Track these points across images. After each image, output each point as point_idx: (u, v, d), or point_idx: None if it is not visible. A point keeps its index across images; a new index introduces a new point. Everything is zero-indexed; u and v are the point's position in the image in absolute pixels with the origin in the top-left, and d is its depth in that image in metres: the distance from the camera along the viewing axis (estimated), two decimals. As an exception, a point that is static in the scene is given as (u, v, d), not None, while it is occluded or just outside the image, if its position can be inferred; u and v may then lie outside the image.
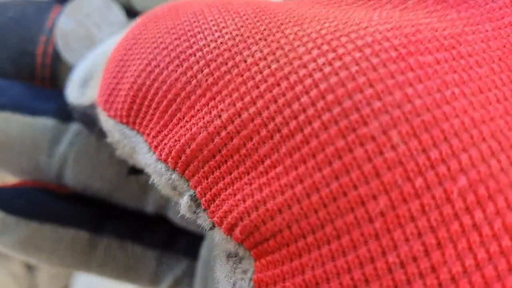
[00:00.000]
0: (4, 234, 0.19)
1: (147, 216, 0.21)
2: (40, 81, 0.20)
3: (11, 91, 0.19)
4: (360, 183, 0.09)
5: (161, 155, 0.12)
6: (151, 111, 0.12)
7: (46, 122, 0.19)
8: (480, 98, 0.09)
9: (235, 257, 0.11)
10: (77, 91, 0.16)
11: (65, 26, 0.19)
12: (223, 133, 0.10)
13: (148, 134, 0.12)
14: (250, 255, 0.11)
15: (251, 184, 0.10)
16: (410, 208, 0.09)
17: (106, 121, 0.14)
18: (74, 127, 0.19)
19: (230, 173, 0.10)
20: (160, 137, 0.12)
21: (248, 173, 0.10)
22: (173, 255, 0.21)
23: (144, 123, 0.12)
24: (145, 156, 0.12)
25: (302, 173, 0.09)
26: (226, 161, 0.10)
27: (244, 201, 0.10)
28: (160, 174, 0.12)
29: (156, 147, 0.12)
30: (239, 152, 0.10)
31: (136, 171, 0.18)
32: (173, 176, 0.11)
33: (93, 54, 0.16)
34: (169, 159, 0.11)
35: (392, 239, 0.09)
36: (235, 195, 0.10)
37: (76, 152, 0.19)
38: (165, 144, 0.11)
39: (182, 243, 0.21)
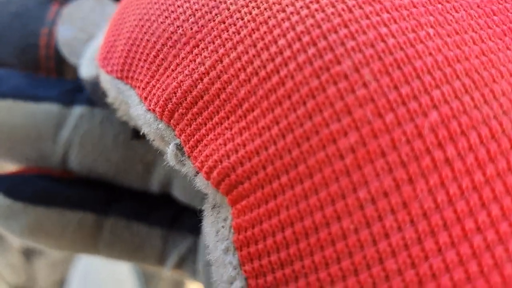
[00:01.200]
0: (11, 220, 0.19)
1: (152, 196, 0.21)
2: (45, 72, 0.20)
3: (12, 80, 0.19)
4: (332, 120, 0.09)
5: (150, 105, 0.12)
6: (141, 64, 0.12)
7: (49, 108, 0.18)
8: (455, 39, 0.09)
9: (216, 207, 0.11)
10: (88, 66, 0.17)
11: (65, 35, 0.19)
12: (206, 80, 0.10)
13: (139, 87, 0.12)
14: (227, 202, 0.10)
15: (231, 129, 0.10)
16: (380, 144, 0.08)
17: (105, 78, 0.14)
18: (78, 111, 0.19)
19: (211, 119, 0.10)
20: (148, 88, 0.12)
21: (228, 118, 0.10)
22: (179, 233, 0.21)
23: (135, 76, 0.12)
24: (136, 108, 0.12)
25: (278, 115, 0.09)
26: (207, 107, 0.10)
27: (225, 144, 0.10)
28: (149, 124, 0.12)
29: (145, 98, 0.12)
30: (219, 98, 0.10)
31: (138, 136, 0.18)
32: (160, 125, 0.12)
33: (103, 32, 0.17)
34: (157, 109, 0.11)
35: (363, 175, 0.08)
36: (216, 139, 0.10)
37: (81, 136, 0.19)
38: (154, 94, 0.12)
39: (187, 220, 0.21)
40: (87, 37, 0.19)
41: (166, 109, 0.11)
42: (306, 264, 0.09)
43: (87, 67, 0.17)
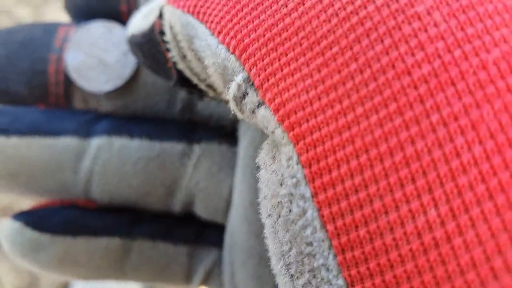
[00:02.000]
0: (40, 253, 0.19)
1: (175, 215, 0.21)
2: (54, 98, 0.20)
3: (28, 116, 0.19)
4: (407, 55, 0.10)
5: (224, 39, 0.12)
6: (217, 0, 0.13)
7: (67, 141, 0.19)
8: None
9: (277, 152, 0.12)
10: (140, 21, 0.17)
11: (74, 62, 0.20)
12: (287, 20, 0.11)
13: (212, 21, 0.13)
14: (289, 139, 0.11)
15: (308, 65, 0.11)
16: (450, 75, 0.09)
17: (172, 12, 0.15)
18: (96, 142, 0.19)
19: (287, 54, 0.11)
20: (223, 23, 0.12)
21: (305, 54, 0.11)
22: (203, 248, 0.21)
23: (208, 11, 0.13)
24: (206, 40, 0.13)
25: (356, 52, 0.10)
26: (284, 43, 0.11)
27: (303, 80, 0.11)
28: (217, 56, 0.13)
29: (219, 32, 0.12)
30: (297, 35, 0.11)
31: (183, 82, 0.18)
32: (231, 57, 0.12)
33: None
34: (232, 42, 0.12)
35: (435, 102, 0.09)
36: (292, 75, 0.11)
37: (101, 166, 0.19)
38: (229, 29, 0.12)
39: (211, 235, 0.21)
40: (96, 62, 0.20)
41: (242, 43, 0.12)
42: (382, 186, 0.10)
43: (139, 22, 0.17)
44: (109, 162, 0.19)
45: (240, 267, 0.19)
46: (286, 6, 0.11)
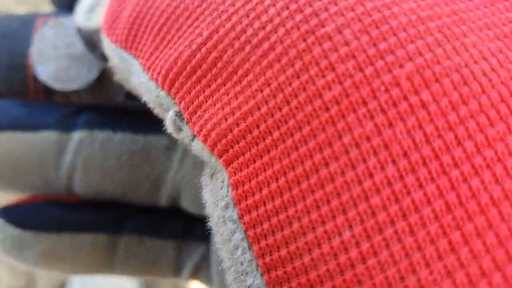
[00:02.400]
0: (23, 251, 0.19)
1: (162, 209, 0.21)
2: (33, 93, 0.20)
3: (8, 110, 0.19)
4: (317, 77, 0.10)
5: (152, 75, 0.12)
6: (145, 36, 0.13)
7: (48, 136, 0.19)
8: (428, 1, 0.10)
9: (214, 174, 0.12)
10: (84, 16, 0.17)
11: (48, 73, 0.19)
12: (203, 50, 0.11)
13: (142, 57, 0.13)
14: (222, 165, 0.11)
15: (227, 94, 0.11)
16: (361, 94, 0.09)
17: (109, 46, 0.15)
18: (77, 136, 0.19)
19: (209, 86, 0.11)
20: (152, 59, 0.13)
21: (225, 84, 0.11)
22: (191, 242, 0.21)
23: (139, 47, 0.13)
24: (139, 77, 0.13)
25: (269, 77, 0.10)
26: (205, 76, 0.11)
27: (222, 109, 0.11)
28: (150, 92, 0.13)
29: (149, 68, 0.13)
30: (216, 66, 0.11)
31: (131, 97, 0.18)
32: (161, 93, 0.12)
33: None
34: (159, 78, 0.12)
35: (347, 123, 0.09)
36: (214, 105, 0.11)
37: (83, 160, 0.19)
38: (157, 64, 0.12)
39: (199, 229, 0.21)
40: (68, 61, 0.19)
41: (168, 78, 0.12)
42: (299, 208, 0.10)
43: (83, 16, 0.17)
44: (92, 156, 0.19)
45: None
46: (201, 36, 0.11)
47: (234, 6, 0.11)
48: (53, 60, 0.19)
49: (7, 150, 0.18)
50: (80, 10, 0.17)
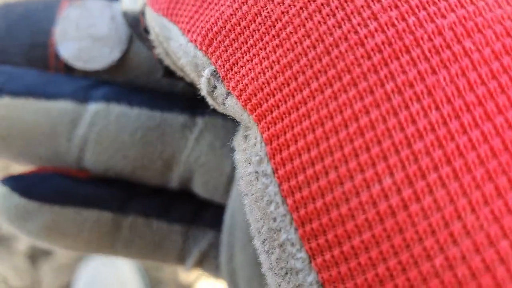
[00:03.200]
0: (27, 221, 0.18)
1: (171, 191, 0.20)
2: (54, 71, 0.19)
3: (25, 77, 0.19)
4: (360, 27, 0.10)
5: (192, 37, 0.13)
6: (186, 1, 0.13)
7: (63, 105, 0.18)
8: None
9: (247, 134, 0.12)
10: (132, 1, 0.17)
11: (70, 52, 0.19)
12: (244, 7, 0.11)
13: (182, 22, 0.13)
14: (254, 121, 0.11)
15: (265, 49, 0.11)
16: (404, 42, 0.09)
17: (151, 16, 0.15)
18: (93, 108, 0.18)
19: (247, 42, 0.11)
20: (192, 22, 0.13)
21: (262, 39, 0.11)
22: (199, 229, 0.20)
23: (180, 13, 0.13)
24: (178, 40, 0.13)
25: (309, 28, 0.10)
26: (243, 33, 0.11)
27: (260, 63, 0.11)
28: (188, 54, 0.13)
29: (188, 31, 0.13)
30: (255, 21, 0.11)
31: (170, 74, 0.18)
32: (198, 53, 0.12)
33: None
34: (198, 38, 0.12)
35: (390, 70, 0.09)
36: (251, 60, 0.11)
37: (97, 133, 0.18)
38: (196, 26, 0.13)
39: (208, 216, 0.20)
40: (91, 41, 0.19)
41: (207, 38, 0.12)
42: (337, 158, 0.09)
43: (130, 1, 0.17)
44: (106, 130, 0.18)
45: (240, 248, 0.18)
46: None
47: None
48: (76, 39, 0.19)
49: (18, 117, 0.18)
50: None
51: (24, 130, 0.18)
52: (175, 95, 0.20)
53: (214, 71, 0.12)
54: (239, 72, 0.11)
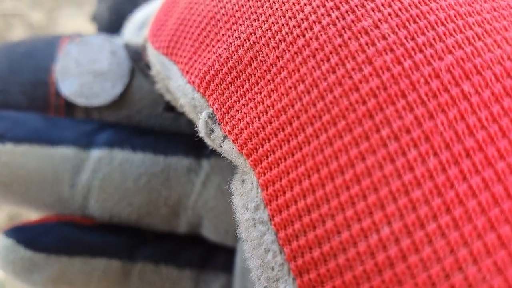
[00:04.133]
0: (33, 273, 0.18)
1: (181, 237, 0.20)
2: (54, 110, 0.19)
3: (27, 123, 0.19)
4: (354, 71, 0.09)
5: (190, 78, 0.13)
6: (186, 42, 0.13)
7: (65, 152, 0.18)
8: None
9: (244, 179, 0.12)
10: (134, 33, 0.17)
11: (72, 89, 0.19)
12: (240, 51, 0.11)
13: (181, 62, 0.13)
14: (250, 166, 0.11)
15: (260, 93, 0.11)
16: (400, 87, 0.09)
17: (152, 53, 0.15)
18: (96, 154, 0.18)
19: (243, 86, 0.11)
20: (190, 63, 0.13)
21: (258, 83, 0.11)
22: (210, 273, 0.20)
23: (179, 53, 0.13)
24: (177, 80, 0.13)
25: (303, 73, 0.10)
26: (240, 76, 0.11)
27: (255, 107, 0.11)
28: (186, 95, 0.13)
29: (187, 72, 0.13)
30: (251, 66, 0.11)
31: (170, 109, 0.18)
32: (196, 95, 0.12)
33: (152, 5, 0.18)
34: (196, 80, 0.12)
35: (385, 116, 0.09)
36: (247, 104, 0.11)
37: (101, 180, 0.18)
38: (195, 68, 0.13)
39: (219, 259, 0.20)
40: (92, 77, 0.19)
41: (204, 81, 0.12)
42: (333, 206, 0.09)
43: (133, 33, 0.18)
44: (110, 176, 0.18)
45: None
46: (239, 38, 0.11)
47: (271, 8, 0.11)
48: (77, 76, 0.19)
49: (21, 164, 0.18)
50: (130, 27, 0.18)
51: (27, 176, 0.18)
52: (179, 135, 0.20)
53: (212, 113, 0.12)
54: (235, 116, 0.11)
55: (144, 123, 0.20)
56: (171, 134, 0.20)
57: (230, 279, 0.20)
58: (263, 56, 0.11)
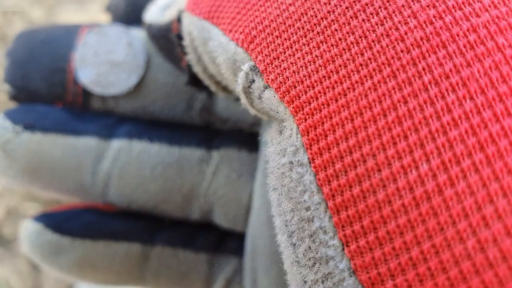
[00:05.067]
0: (60, 256, 0.19)
1: (195, 224, 0.21)
2: (71, 96, 0.20)
3: (54, 115, 0.20)
4: (400, 24, 0.10)
5: (234, 35, 0.13)
6: (228, 5, 0.14)
7: (88, 142, 0.19)
8: None
9: (282, 129, 0.12)
10: (158, 13, 0.18)
11: (89, 77, 0.20)
12: (291, 8, 0.12)
13: (224, 23, 0.14)
14: (291, 113, 0.12)
15: (309, 44, 0.12)
16: (441, 38, 0.10)
17: (190, 20, 0.16)
18: (116, 144, 0.20)
19: (290, 38, 0.12)
20: (234, 22, 0.14)
21: (306, 35, 0.12)
22: (224, 256, 0.21)
23: (221, 15, 0.14)
24: (219, 39, 0.14)
25: (353, 26, 0.11)
26: (288, 30, 0.12)
27: (303, 57, 0.12)
28: (227, 51, 0.14)
29: (230, 30, 0.14)
30: (301, 20, 0.12)
31: (195, 82, 0.19)
32: (239, 50, 0.13)
33: None
34: (240, 36, 0.13)
35: (427, 63, 0.10)
36: (293, 55, 0.12)
37: (120, 169, 0.20)
38: (239, 26, 0.13)
39: (232, 243, 0.21)
40: (108, 66, 0.20)
41: (250, 36, 0.13)
42: (375, 145, 0.10)
43: (156, 13, 0.18)
44: (128, 165, 0.20)
45: (263, 272, 0.19)
46: None
47: None
48: (94, 65, 0.20)
49: (48, 152, 0.19)
50: (154, 8, 0.19)
51: (53, 164, 0.19)
52: (191, 128, 0.21)
53: (254, 66, 0.13)
54: (280, 65, 0.12)
55: (158, 114, 0.21)
56: (185, 127, 0.21)
57: (241, 262, 0.21)
58: (314, 11, 0.12)
